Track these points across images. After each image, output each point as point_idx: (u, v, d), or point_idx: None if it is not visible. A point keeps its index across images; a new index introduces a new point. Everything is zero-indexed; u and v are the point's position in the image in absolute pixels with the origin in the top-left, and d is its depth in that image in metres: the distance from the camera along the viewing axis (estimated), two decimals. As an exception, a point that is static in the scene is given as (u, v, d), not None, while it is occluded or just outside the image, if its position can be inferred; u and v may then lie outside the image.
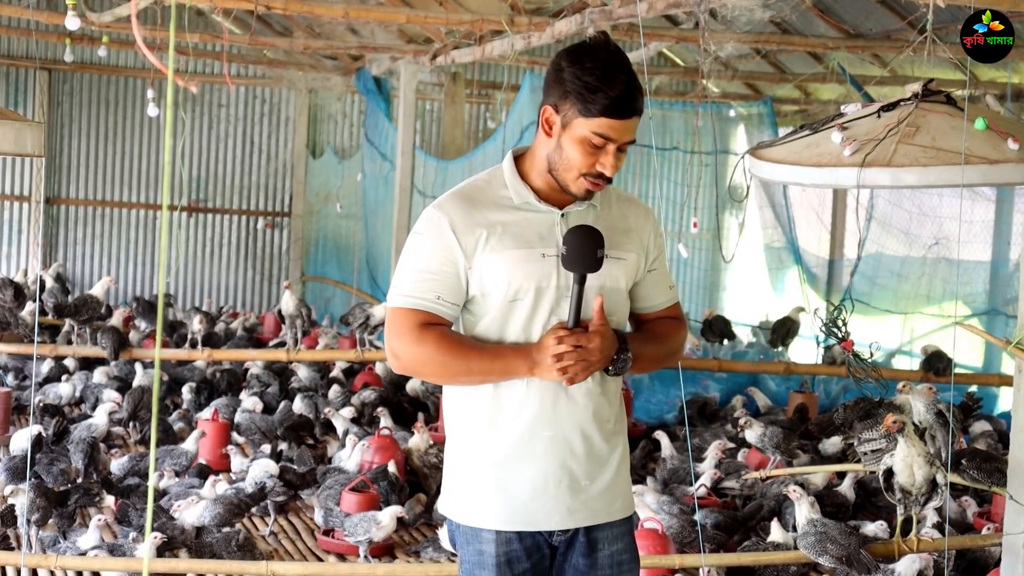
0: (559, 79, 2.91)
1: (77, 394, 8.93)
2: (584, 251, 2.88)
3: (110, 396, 8.24)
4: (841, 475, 6.99)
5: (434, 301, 2.93)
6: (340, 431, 7.85)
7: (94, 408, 8.24)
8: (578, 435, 2.98)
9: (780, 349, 9.46)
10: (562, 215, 2.98)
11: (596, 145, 2.90)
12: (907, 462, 5.18)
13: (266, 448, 7.70)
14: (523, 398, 2.95)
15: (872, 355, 4.91)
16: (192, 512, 6.04)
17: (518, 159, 3.04)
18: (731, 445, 7.66)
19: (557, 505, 2.99)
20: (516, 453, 2.97)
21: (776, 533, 5.83)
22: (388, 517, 6.03)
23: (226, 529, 6.11)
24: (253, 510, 6.73)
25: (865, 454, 5.80)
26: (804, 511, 5.71)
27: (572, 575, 3.05)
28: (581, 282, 2.89)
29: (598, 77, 2.87)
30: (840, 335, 5.08)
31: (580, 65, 2.89)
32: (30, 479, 5.98)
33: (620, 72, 2.88)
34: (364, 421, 8.39)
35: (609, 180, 2.96)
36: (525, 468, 2.97)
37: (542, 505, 2.98)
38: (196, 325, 8.71)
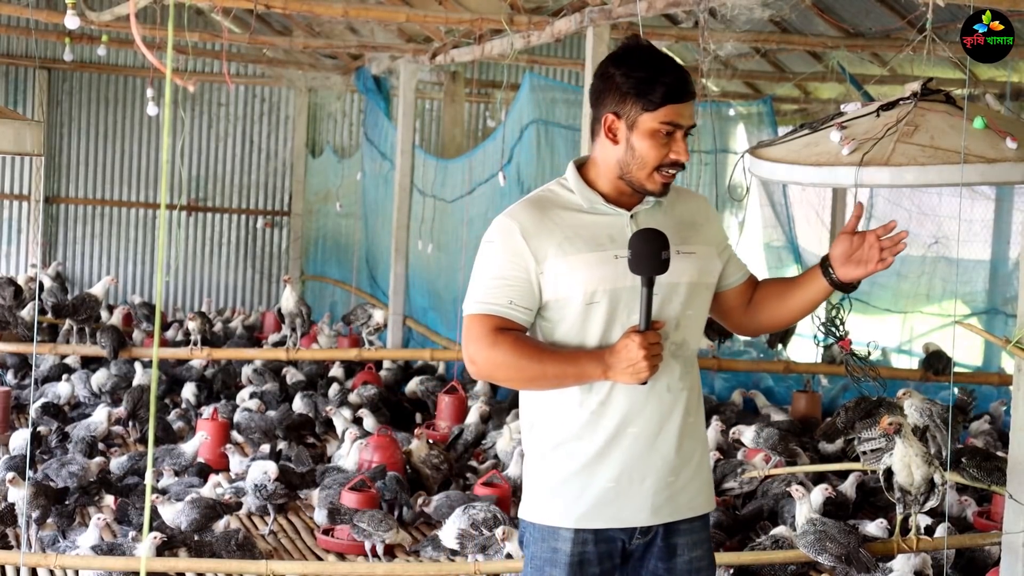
0: (612, 85, 2.98)
1: (77, 393, 8.92)
2: (649, 253, 2.89)
3: (101, 413, 8.01)
4: (842, 476, 6.99)
5: (507, 306, 2.96)
6: (340, 430, 7.86)
7: (93, 407, 8.24)
8: (662, 431, 3.01)
9: (779, 348, 9.44)
10: (631, 216, 3.01)
11: (665, 134, 2.95)
12: (905, 462, 5.19)
13: (265, 448, 7.70)
14: (608, 397, 2.98)
15: (870, 354, 4.91)
16: (169, 511, 6.03)
17: (580, 168, 3.09)
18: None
19: (642, 501, 3.01)
20: (603, 452, 2.99)
21: (778, 529, 5.83)
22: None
23: (226, 525, 6.11)
24: (253, 509, 6.74)
25: (864, 453, 5.80)
26: (804, 511, 5.71)
27: None
28: (649, 285, 2.90)
29: (649, 70, 2.95)
30: (838, 334, 5.08)
31: (628, 66, 2.97)
32: (29, 479, 5.98)
33: (665, 61, 2.99)
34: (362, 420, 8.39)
35: (683, 167, 3.00)
36: (611, 466, 2.99)
37: (628, 501, 3.01)
38: (191, 326, 8.73)
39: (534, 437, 3.07)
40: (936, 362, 8.69)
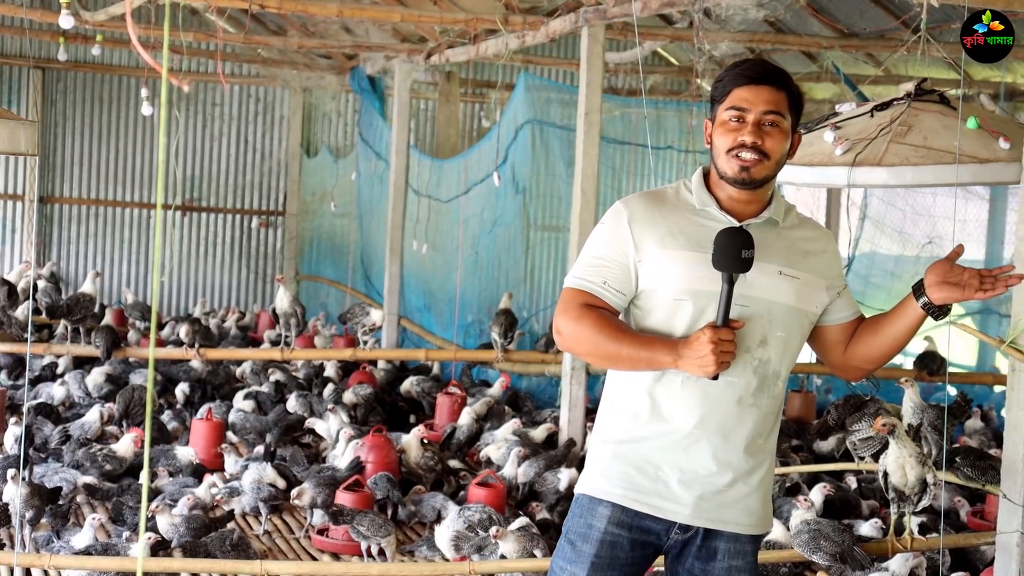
0: (711, 97, 3.12)
1: (72, 393, 8.91)
2: (729, 250, 2.93)
3: (94, 413, 8.00)
4: (837, 476, 6.99)
5: (600, 285, 3.05)
6: (325, 431, 7.82)
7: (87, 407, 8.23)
8: (724, 442, 3.03)
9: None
10: (741, 225, 3.04)
11: (735, 120, 3.02)
12: (899, 463, 5.20)
13: (259, 448, 7.70)
14: (678, 390, 3.02)
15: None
16: (163, 520, 6.01)
17: (707, 174, 3.15)
18: None
19: (686, 497, 3.03)
20: (659, 443, 3.03)
21: (777, 531, 5.83)
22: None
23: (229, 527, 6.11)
24: (247, 510, 6.74)
25: (854, 444, 5.83)
26: (800, 513, 5.72)
27: None
28: (730, 281, 2.94)
29: (728, 70, 3.11)
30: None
31: (720, 73, 3.13)
32: (22, 479, 5.97)
33: (748, 59, 3.10)
34: (358, 420, 8.39)
35: (761, 152, 3.00)
36: (664, 457, 3.03)
37: (673, 494, 3.03)
38: (182, 330, 8.73)
39: (605, 416, 3.14)
40: (931, 362, 8.70)
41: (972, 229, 10.51)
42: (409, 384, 9.32)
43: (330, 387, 9.14)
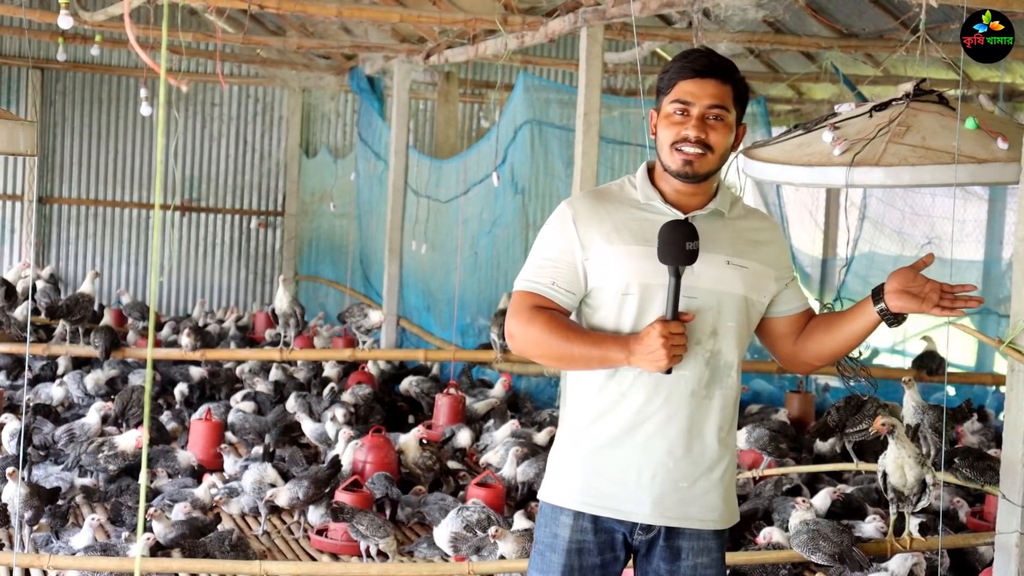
0: (656, 87, 3.11)
1: (71, 394, 8.90)
2: (674, 242, 2.93)
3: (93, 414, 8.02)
4: (836, 476, 6.99)
5: (549, 286, 3.06)
6: (311, 432, 7.80)
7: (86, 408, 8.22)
8: (680, 436, 3.01)
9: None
10: (687, 218, 3.03)
11: (679, 113, 3.01)
12: (898, 463, 5.20)
13: (258, 449, 7.70)
14: (628, 391, 3.01)
15: (861, 354, 4.91)
16: (159, 526, 6.00)
17: (651, 169, 3.15)
18: None
19: (646, 497, 3.02)
20: (615, 441, 3.02)
21: (776, 535, 5.83)
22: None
23: (222, 528, 6.11)
24: (247, 510, 6.74)
25: (849, 436, 5.83)
26: (799, 513, 5.71)
27: None
28: (676, 274, 2.94)
29: (674, 61, 3.09)
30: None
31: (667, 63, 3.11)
32: (21, 478, 5.97)
33: (693, 50, 3.08)
34: (358, 421, 8.39)
35: (705, 146, 2.99)
36: (621, 456, 3.02)
37: (632, 495, 3.02)
38: (184, 342, 8.73)
39: (563, 418, 3.16)
40: (930, 362, 8.70)
41: (971, 229, 10.51)
42: (408, 384, 9.32)
43: (329, 387, 9.14)
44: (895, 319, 3.01)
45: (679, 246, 2.92)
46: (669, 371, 2.95)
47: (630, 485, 3.01)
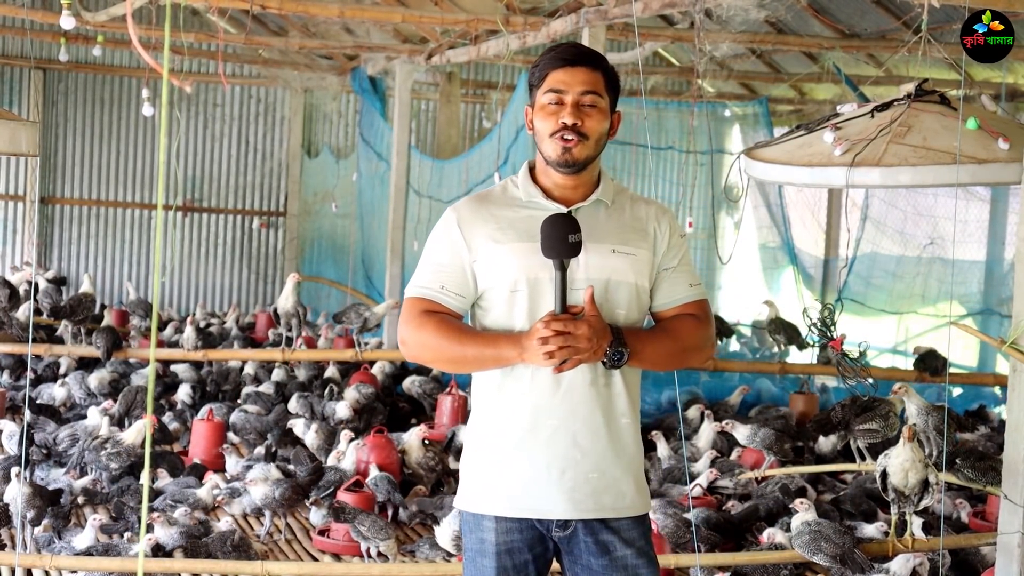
0: (529, 83, 3.14)
1: (73, 394, 8.91)
2: (555, 236, 2.94)
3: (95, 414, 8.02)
4: (837, 477, 6.99)
5: (438, 291, 3.07)
6: (303, 434, 7.77)
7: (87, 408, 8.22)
8: (584, 427, 3.02)
9: (784, 348, 9.38)
10: (570, 211, 3.05)
11: (555, 103, 3.03)
12: (904, 466, 5.19)
13: (260, 449, 7.70)
14: (527, 388, 3.02)
15: (860, 354, 4.92)
16: (161, 532, 6.00)
17: (533, 167, 3.17)
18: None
19: (559, 493, 3.02)
20: (521, 442, 3.03)
21: (778, 536, 5.83)
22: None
23: (223, 528, 6.11)
24: (248, 511, 6.74)
25: (859, 436, 5.82)
26: (801, 514, 5.71)
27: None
28: (561, 268, 2.95)
29: (544, 53, 3.12)
30: (829, 335, 5.09)
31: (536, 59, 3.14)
32: (23, 479, 5.97)
33: (564, 42, 3.12)
34: (361, 423, 8.38)
35: (580, 133, 3.02)
36: (528, 456, 3.02)
37: (544, 492, 3.02)
38: (188, 331, 8.72)
39: (470, 423, 3.16)
40: (931, 362, 8.70)
41: (973, 230, 10.51)
42: (410, 384, 9.32)
43: (329, 388, 9.14)
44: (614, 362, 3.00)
45: (561, 239, 2.94)
46: (562, 366, 2.94)
47: (541, 483, 3.02)
